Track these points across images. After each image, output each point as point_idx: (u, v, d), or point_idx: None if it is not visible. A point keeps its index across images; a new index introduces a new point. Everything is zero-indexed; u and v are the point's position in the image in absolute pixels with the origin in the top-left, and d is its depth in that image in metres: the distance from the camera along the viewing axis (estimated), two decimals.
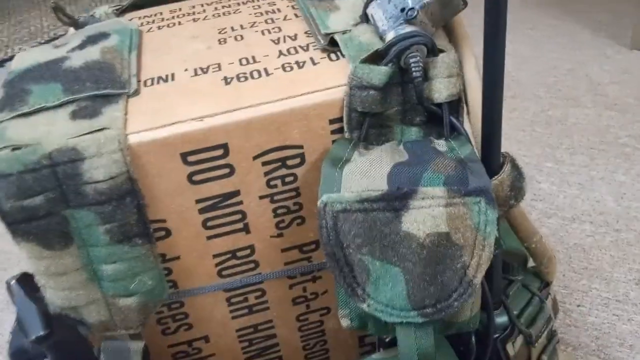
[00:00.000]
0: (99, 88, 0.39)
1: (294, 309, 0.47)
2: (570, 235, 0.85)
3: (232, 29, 0.46)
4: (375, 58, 0.38)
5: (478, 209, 0.34)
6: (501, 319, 0.45)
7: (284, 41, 0.43)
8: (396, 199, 0.34)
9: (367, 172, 0.35)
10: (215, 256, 0.42)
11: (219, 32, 0.46)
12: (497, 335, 0.44)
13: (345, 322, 0.39)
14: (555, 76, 1.16)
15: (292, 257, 0.44)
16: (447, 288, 0.34)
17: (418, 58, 0.36)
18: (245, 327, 0.47)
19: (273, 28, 0.45)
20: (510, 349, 0.44)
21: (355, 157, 0.36)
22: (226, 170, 0.39)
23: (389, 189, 0.34)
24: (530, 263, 0.49)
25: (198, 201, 0.39)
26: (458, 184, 0.34)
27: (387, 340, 0.45)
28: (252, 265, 0.43)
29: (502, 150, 0.39)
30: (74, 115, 0.37)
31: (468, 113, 0.39)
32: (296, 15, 0.47)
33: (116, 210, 0.37)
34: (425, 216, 0.34)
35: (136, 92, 0.39)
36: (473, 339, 0.44)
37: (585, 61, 1.19)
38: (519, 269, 0.47)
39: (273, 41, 0.43)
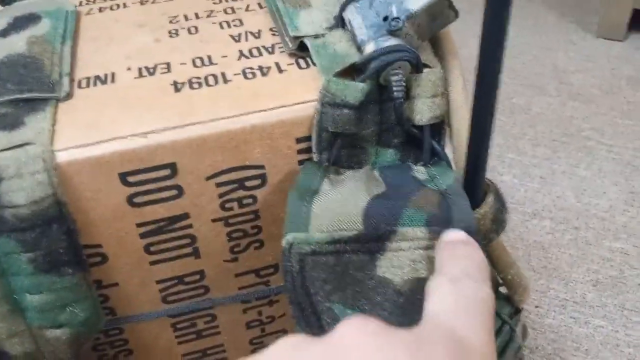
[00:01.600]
0: (22, 91, 0.32)
1: (247, 332, 0.43)
2: (530, 232, 0.84)
3: (186, 17, 0.40)
4: (351, 71, 0.33)
5: None
6: None
7: (246, 39, 0.37)
8: (372, 240, 0.30)
9: (340, 208, 0.31)
10: (159, 282, 0.37)
11: (170, 22, 0.39)
12: None
13: None
14: (521, 62, 1.14)
15: (247, 281, 0.39)
16: None
17: (401, 76, 0.31)
18: (192, 351, 0.42)
19: (233, 20, 0.39)
20: None
21: (325, 188, 0.32)
22: (174, 192, 0.33)
23: (365, 229, 0.30)
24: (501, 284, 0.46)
25: (140, 225, 0.34)
26: (441, 223, 0.30)
27: None
28: (201, 291, 0.39)
29: None
30: None
31: (451, 137, 0.35)
32: (260, 6, 0.41)
33: (41, 237, 0.31)
34: (403, 260, 0.30)
35: (68, 96, 0.33)
36: None
37: (551, 47, 1.17)
38: None
39: (233, 37, 0.38)
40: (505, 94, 1.06)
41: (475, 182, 0.35)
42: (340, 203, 0.31)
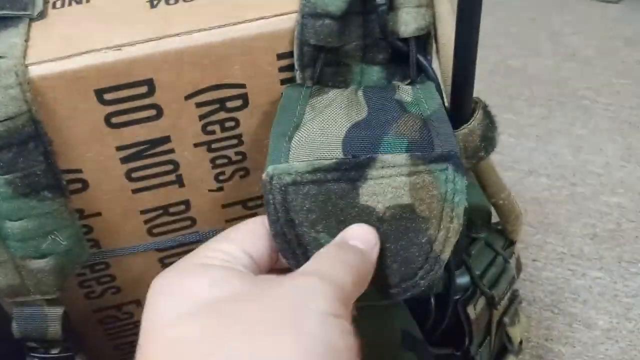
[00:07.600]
0: None
1: None
2: (526, 189, 0.83)
3: None
4: None
5: (445, 177, 0.29)
6: (462, 280, 0.41)
7: None
8: (352, 168, 0.29)
9: (319, 137, 0.30)
10: (143, 212, 0.37)
11: None
12: (457, 297, 0.41)
13: None
14: (516, 25, 1.12)
15: (234, 213, 0.38)
16: (412, 265, 0.29)
17: None
18: None
19: None
20: (471, 312, 0.41)
21: (307, 118, 0.31)
22: (152, 112, 0.33)
23: (343, 157, 0.29)
24: (495, 218, 0.45)
25: (119, 148, 0.33)
26: (422, 149, 0.29)
27: None
28: (188, 223, 0.38)
29: None
30: None
31: (437, 51, 0.34)
32: None
33: (18, 157, 0.31)
34: (385, 187, 0.29)
35: (41, 15, 0.32)
36: (432, 300, 0.40)
37: (547, 10, 1.16)
38: (482, 225, 0.44)
39: None
40: (500, 55, 1.05)
41: (463, 97, 0.34)
42: (320, 132, 0.30)
